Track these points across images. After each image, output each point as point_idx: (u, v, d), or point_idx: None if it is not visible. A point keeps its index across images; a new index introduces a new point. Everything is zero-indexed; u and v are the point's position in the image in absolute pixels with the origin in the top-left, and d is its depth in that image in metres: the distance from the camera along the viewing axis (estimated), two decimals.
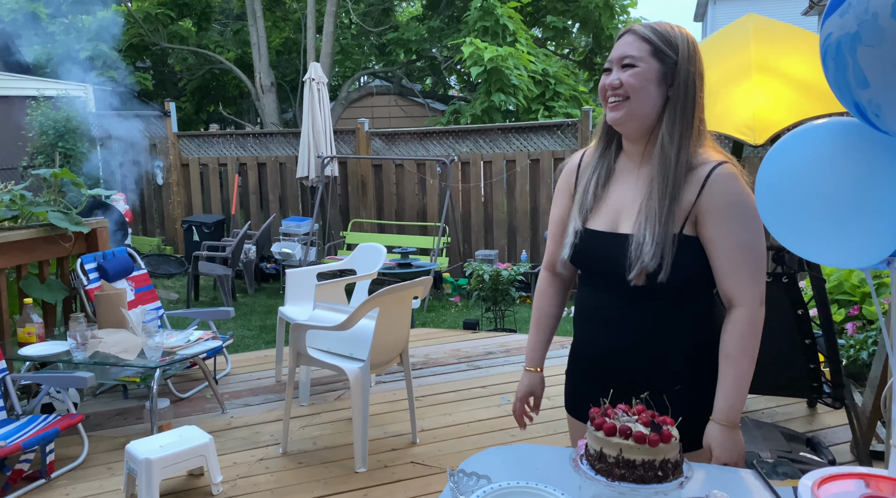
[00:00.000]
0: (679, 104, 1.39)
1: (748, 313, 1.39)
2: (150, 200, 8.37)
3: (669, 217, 1.38)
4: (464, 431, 3.34)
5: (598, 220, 1.48)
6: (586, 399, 1.57)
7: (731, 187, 1.37)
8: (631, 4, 9.72)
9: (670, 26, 1.42)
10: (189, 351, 3.29)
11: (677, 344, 1.47)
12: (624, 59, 1.39)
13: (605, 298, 1.50)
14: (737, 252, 1.38)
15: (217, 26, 12.37)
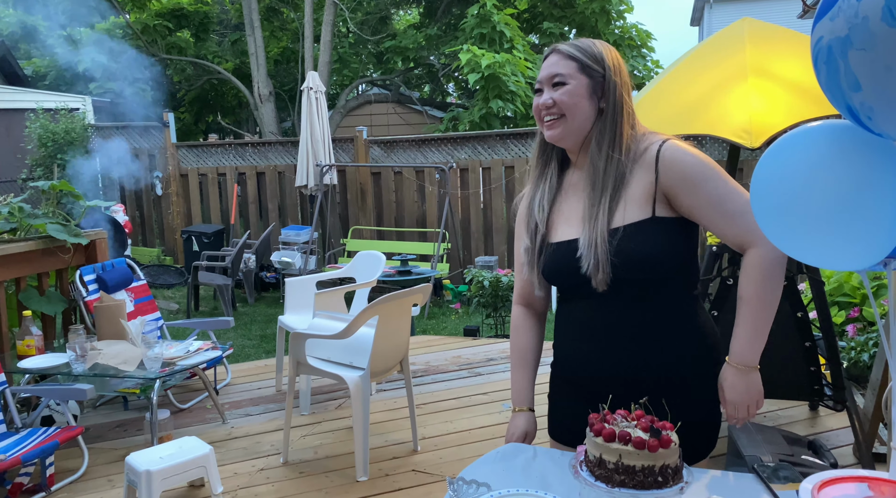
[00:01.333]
0: (609, 114, 1.44)
1: (764, 252, 1.36)
2: (149, 211, 8.38)
3: (597, 220, 1.40)
4: (465, 438, 3.33)
5: (558, 231, 1.50)
6: (572, 421, 1.51)
7: (682, 156, 1.40)
8: (627, 10, 9.75)
9: (592, 42, 1.48)
10: (189, 362, 3.29)
11: (663, 352, 1.43)
12: (554, 79, 1.44)
13: (580, 308, 1.49)
14: (718, 206, 1.39)
15: (215, 37, 12.42)
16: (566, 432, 1.57)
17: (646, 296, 1.42)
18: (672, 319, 1.44)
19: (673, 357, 1.43)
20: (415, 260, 6.52)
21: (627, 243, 1.38)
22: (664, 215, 1.41)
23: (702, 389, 1.46)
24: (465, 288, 6.63)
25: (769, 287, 1.37)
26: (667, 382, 1.43)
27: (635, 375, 1.44)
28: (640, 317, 1.43)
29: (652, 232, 1.39)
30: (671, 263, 1.41)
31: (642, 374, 1.44)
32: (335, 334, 2.99)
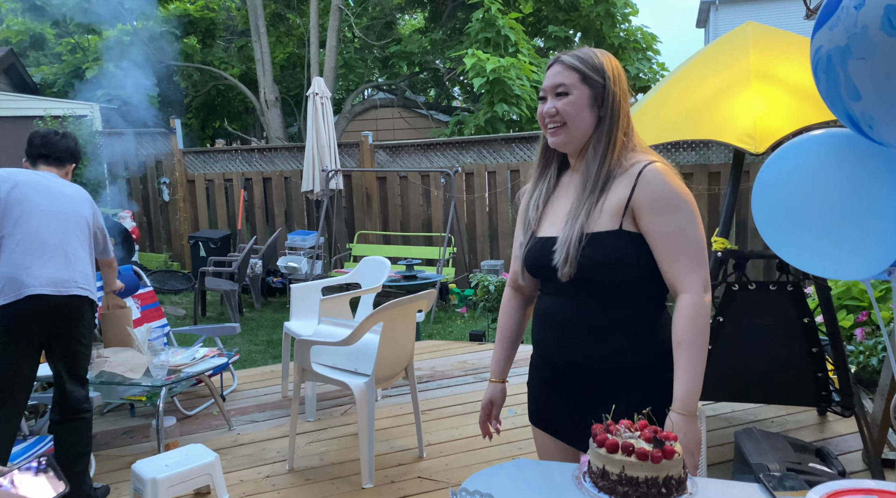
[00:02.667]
0: (606, 123, 1.52)
1: (692, 299, 1.44)
2: (156, 217, 8.41)
3: (577, 218, 1.49)
4: (471, 444, 3.32)
5: (547, 227, 1.60)
6: (546, 407, 1.66)
7: (660, 181, 1.47)
8: (632, 13, 9.74)
9: (593, 52, 1.56)
10: (194, 369, 3.30)
11: (626, 349, 1.52)
12: (557, 89, 1.53)
13: (555, 302, 1.59)
14: (671, 240, 1.47)
15: (221, 43, 12.48)
16: (536, 415, 1.70)
17: (602, 298, 1.51)
18: (624, 324, 1.51)
19: (621, 357, 1.52)
20: (420, 264, 6.52)
21: (593, 249, 1.47)
22: (630, 230, 1.49)
23: (645, 391, 1.51)
24: (470, 292, 6.63)
25: (701, 331, 1.44)
26: (613, 377, 1.53)
27: (585, 367, 1.55)
28: (594, 316, 1.52)
29: (615, 243, 1.48)
30: (629, 273, 1.49)
31: (591, 366, 1.54)
32: (340, 341, 2.99)
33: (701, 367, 1.46)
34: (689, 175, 6.29)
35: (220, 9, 12.01)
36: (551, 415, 1.65)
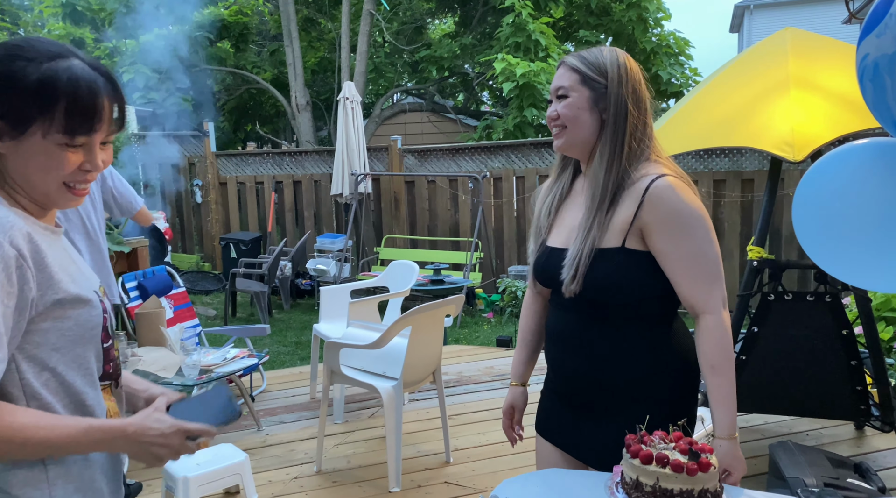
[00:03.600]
0: (610, 126, 1.45)
1: (715, 320, 1.42)
2: (189, 218, 8.56)
3: (589, 232, 1.44)
4: (498, 450, 3.31)
5: (556, 236, 1.57)
6: (549, 416, 1.66)
7: (669, 198, 1.40)
8: (665, 17, 9.63)
9: (600, 51, 1.50)
10: (226, 369, 3.34)
11: (628, 366, 1.48)
12: (558, 91, 1.49)
13: (562, 315, 1.57)
14: (685, 261, 1.42)
15: (254, 47, 12.65)
16: (541, 424, 1.69)
17: (604, 316, 1.48)
18: (627, 341, 1.48)
19: (623, 373, 1.49)
20: (447, 269, 6.52)
21: (596, 267, 1.44)
22: (634, 248, 1.44)
23: (648, 408, 1.47)
24: (497, 297, 6.61)
25: (729, 352, 1.42)
26: (616, 393, 1.50)
27: (589, 382, 1.53)
28: (596, 333, 1.50)
29: (617, 262, 1.44)
30: (630, 293, 1.45)
31: (594, 381, 1.52)
32: (369, 344, 3.01)
33: (734, 387, 1.42)
34: (722, 182, 6.20)
35: (253, 13, 12.19)
36: (556, 425, 1.64)
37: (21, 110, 0.99)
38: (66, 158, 1.03)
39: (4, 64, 1.00)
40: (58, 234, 1.13)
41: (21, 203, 1.07)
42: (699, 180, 6.25)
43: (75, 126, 1.01)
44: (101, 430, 1.04)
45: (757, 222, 6.03)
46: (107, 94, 1.04)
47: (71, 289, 1.04)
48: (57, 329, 1.04)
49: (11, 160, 1.03)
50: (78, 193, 1.07)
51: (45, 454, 1.02)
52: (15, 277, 0.97)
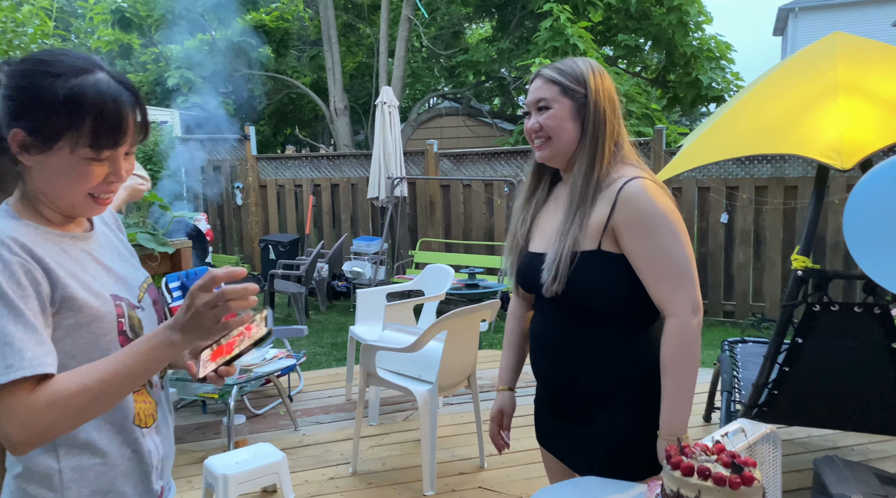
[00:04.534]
0: (590, 134, 1.49)
1: (678, 323, 1.42)
2: (229, 220, 8.73)
3: (567, 234, 1.46)
4: (532, 457, 3.30)
5: (536, 242, 1.59)
6: (542, 426, 1.67)
7: (640, 199, 1.42)
8: (706, 21, 9.48)
9: (574, 62, 1.53)
10: (265, 369, 3.40)
11: (610, 370, 1.49)
12: (539, 103, 1.51)
13: (542, 322, 1.59)
14: (653, 262, 1.43)
15: (294, 52, 12.86)
16: (538, 434, 1.70)
17: (585, 319, 1.50)
18: (607, 344, 1.49)
19: (605, 378, 1.50)
20: (482, 273, 6.52)
21: (575, 269, 1.45)
22: (609, 250, 1.46)
23: (632, 411, 1.49)
24: None
25: (686, 354, 1.41)
26: (599, 397, 1.51)
27: (572, 388, 1.54)
28: (578, 337, 1.51)
29: (593, 264, 1.45)
30: (608, 295, 1.47)
31: (577, 387, 1.53)
32: (405, 347, 3.03)
33: (687, 391, 1.42)
34: (764, 188, 6.07)
35: (293, 19, 12.39)
36: (550, 434, 1.65)
37: (49, 126, 1.01)
38: (92, 172, 1.05)
39: (32, 80, 1.02)
40: (81, 239, 1.14)
41: (44, 213, 1.09)
42: (740, 186, 6.13)
43: (102, 141, 1.03)
44: (145, 340, 1.01)
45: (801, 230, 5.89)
46: (131, 106, 1.06)
47: (78, 294, 1.05)
48: (70, 338, 1.05)
49: (37, 173, 1.05)
50: (102, 203, 1.10)
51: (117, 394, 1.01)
52: (26, 280, 0.99)
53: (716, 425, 3.62)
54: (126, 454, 1.14)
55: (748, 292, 6.26)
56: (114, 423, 1.13)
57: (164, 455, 1.23)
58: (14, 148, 1.03)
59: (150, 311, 1.22)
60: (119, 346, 1.10)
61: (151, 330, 1.20)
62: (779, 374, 2.55)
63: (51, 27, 4.13)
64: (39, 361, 0.97)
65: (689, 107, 10.04)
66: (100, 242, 1.20)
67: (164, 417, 1.26)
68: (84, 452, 1.10)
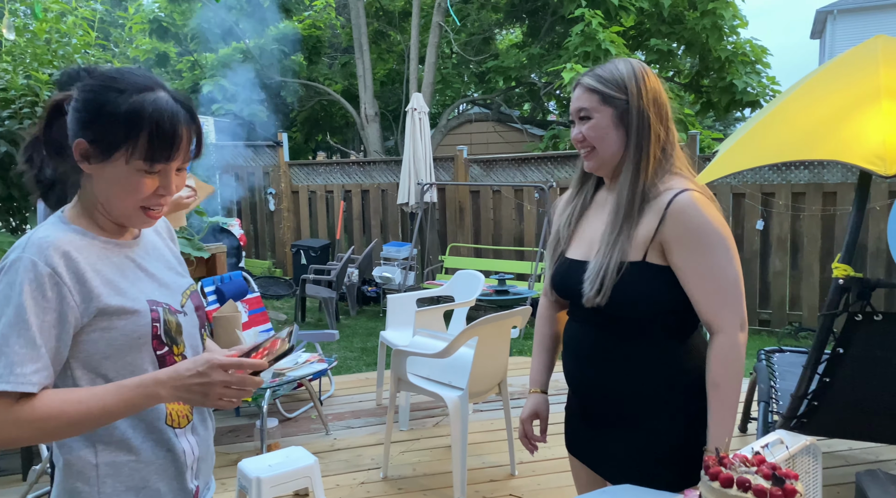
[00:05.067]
0: (634, 140, 1.45)
1: (726, 339, 1.40)
2: (262, 225, 8.85)
3: (615, 245, 1.43)
4: (564, 465, 3.27)
5: (575, 249, 1.56)
6: (573, 433, 1.65)
7: (691, 214, 1.39)
8: (741, 25, 9.32)
9: (615, 66, 1.48)
10: (297, 373, 3.43)
11: (645, 380, 1.47)
12: (580, 113, 1.49)
13: (579, 328, 1.56)
14: (702, 278, 1.40)
15: (326, 59, 13.01)
16: (568, 441, 1.68)
17: (624, 330, 1.47)
18: (645, 356, 1.47)
19: (640, 388, 1.48)
20: (512, 279, 6.50)
21: (618, 280, 1.43)
22: (654, 262, 1.43)
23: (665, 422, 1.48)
24: None
25: (734, 370, 1.40)
26: (632, 407, 1.49)
27: (605, 397, 1.52)
28: (615, 347, 1.49)
29: (637, 277, 1.42)
30: (650, 307, 1.44)
31: (611, 396, 1.51)
32: (435, 353, 3.03)
33: (732, 407, 1.41)
34: (801, 194, 5.95)
35: (325, 27, 12.54)
36: (581, 442, 1.63)
37: (109, 137, 1.08)
38: (143, 183, 1.11)
39: (99, 94, 1.10)
40: (127, 247, 1.20)
41: (97, 221, 1.16)
42: (776, 192, 6.02)
43: (155, 154, 1.09)
44: (133, 385, 1.06)
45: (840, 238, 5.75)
46: (186, 125, 1.12)
47: (112, 301, 1.10)
48: (104, 339, 1.11)
49: (96, 181, 1.13)
50: (152, 216, 1.16)
51: (93, 426, 1.06)
52: (51, 293, 1.04)
53: (752, 436, 3.54)
54: (160, 453, 1.18)
55: (785, 300, 6.13)
56: (147, 422, 1.17)
57: (199, 455, 1.27)
58: (77, 156, 1.11)
59: (192, 316, 1.27)
60: (151, 348, 1.16)
61: (191, 334, 1.25)
62: (818, 384, 2.49)
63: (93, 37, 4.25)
64: (25, 379, 1.02)
65: (723, 112, 9.88)
66: (146, 249, 1.25)
67: (202, 419, 1.29)
68: (120, 449, 1.15)
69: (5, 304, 1.03)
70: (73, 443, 1.13)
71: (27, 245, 1.07)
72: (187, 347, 1.24)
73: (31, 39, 3.89)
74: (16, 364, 1.01)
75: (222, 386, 1.07)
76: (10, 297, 1.03)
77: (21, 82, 3.49)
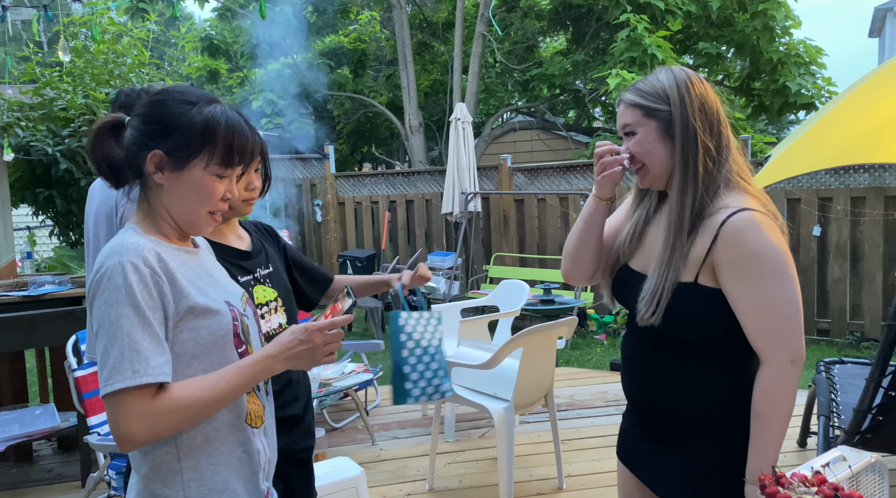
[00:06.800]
0: (679, 150, 1.39)
1: (773, 371, 1.32)
2: (309, 236, 9.00)
3: (670, 265, 1.38)
4: (613, 479, 3.19)
5: (637, 260, 1.52)
6: (627, 441, 1.63)
7: (746, 237, 1.31)
8: (794, 25, 9.03)
9: (656, 77, 1.43)
10: (343, 383, 3.46)
11: (696, 398, 1.43)
12: (625, 129, 1.45)
13: (633, 341, 1.54)
14: (755, 307, 1.32)
15: (371, 72, 13.18)
16: (620, 448, 1.66)
17: (674, 347, 1.43)
18: (693, 376, 1.42)
19: (690, 405, 1.44)
20: (558, 288, 6.42)
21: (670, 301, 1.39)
22: (707, 284, 1.36)
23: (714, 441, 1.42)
24: (610, 318, 6.42)
25: (778, 405, 1.34)
26: (682, 423, 1.45)
27: (657, 409, 1.49)
28: (665, 363, 1.45)
29: (688, 298, 1.36)
30: (699, 331, 1.39)
31: (661, 409, 1.48)
32: (480, 364, 3.01)
33: (776, 440, 1.34)
34: (861, 199, 5.71)
35: (370, 40, 12.72)
36: (635, 454, 1.60)
37: (187, 146, 1.16)
38: (216, 188, 1.19)
39: (171, 107, 1.17)
40: (193, 254, 1.26)
41: (163, 230, 1.22)
42: (834, 197, 5.80)
43: (232, 159, 1.18)
44: (251, 363, 1.15)
45: None
46: (251, 134, 1.22)
47: (199, 300, 1.17)
48: (192, 339, 1.16)
49: (168, 191, 1.19)
50: (216, 220, 1.23)
51: (223, 407, 1.15)
52: (155, 292, 1.11)
53: (812, 451, 3.40)
54: (237, 453, 1.22)
55: (845, 309, 5.88)
56: (229, 421, 1.21)
57: (270, 457, 1.32)
58: (150, 167, 1.17)
59: (252, 319, 1.33)
60: (234, 346, 1.22)
61: (255, 337, 1.31)
62: (884, 398, 2.37)
63: (147, 56, 4.41)
64: (161, 370, 1.08)
65: (776, 115, 9.58)
66: (205, 258, 1.32)
67: (270, 421, 1.34)
68: (202, 452, 1.18)
69: (121, 304, 1.08)
70: (155, 449, 1.17)
71: (122, 250, 1.12)
72: (255, 347, 1.30)
73: (89, 60, 4.06)
74: (150, 358, 1.07)
75: (324, 345, 1.17)
76: (123, 298, 1.08)
77: (80, 101, 3.64)
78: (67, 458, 3.64)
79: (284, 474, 1.67)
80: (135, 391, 1.06)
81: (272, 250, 1.87)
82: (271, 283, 1.73)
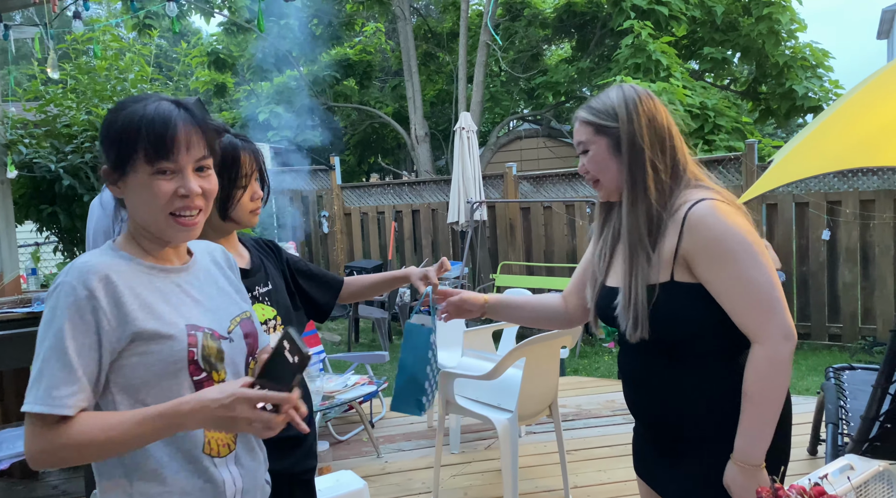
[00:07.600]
0: (626, 165, 1.43)
1: (766, 351, 1.31)
2: (316, 247, 9.01)
3: (633, 270, 1.40)
4: (622, 490, 3.15)
5: (612, 276, 1.53)
6: (640, 455, 1.63)
7: (709, 223, 1.34)
8: (800, 29, 8.99)
9: (607, 94, 1.48)
10: (347, 395, 3.44)
11: (696, 403, 1.42)
12: (579, 146, 1.51)
13: (629, 354, 1.54)
14: (735, 291, 1.32)
15: (377, 83, 13.24)
16: (635, 462, 1.65)
17: (667, 353, 1.42)
18: (691, 377, 1.42)
19: (691, 410, 1.43)
20: None
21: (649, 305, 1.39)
22: (683, 280, 1.37)
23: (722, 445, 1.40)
24: None
25: (772, 385, 1.32)
26: (687, 431, 1.45)
27: (659, 420, 1.50)
28: (660, 370, 1.45)
29: (669, 298, 1.37)
30: (687, 328, 1.38)
31: (664, 419, 1.48)
32: (483, 375, 2.98)
33: (768, 421, 1.33)
34: (871, 202, 5.64)
35: (376, 51, 12.78)
36: (648, 465, 1.59)
37: (116, 153, 1.13)
38: (160, 186, 1.13)
39: (105, 120, 1.17)
40: (172, 272, 1.21)
41: (143, 245, 1.19)
42: (843, 200, 5.73)
43: (152, 154, 1.11)
44: (157, 414, 1.06)
45: None
46: (183, 122, 1.14)
47: (147, 325, 1.11)
48: (143, 365, 1.11)
49: (128, 202, 1.17)
50: (184, 224, 1.15)
51: (123, 451, 1.08)
52: (89, 316, 1.07)
53: (822, 459, 3.34)
54: (196, 483, 1.17)
55: (856, 314, 5.81)
56: (183, 451, 1.16)
57: (243, 487, 1.23)
58: (108, 183, 1.16)
59: (239, 342, 1.25)
60: (188, 374, 1.16)
61: (235, 361, 1.24)
62: (891, 405, 2.32)
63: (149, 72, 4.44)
64: (61, 402, 1.04)
65: (783, 119, 9.52)
66: (196, 276, 1.26)
67: (249, 449, 1.27)
68: (153, 479, 1.14)
69: (48, 328, 1.07)
70: (111, 470, 1.14)
71: (70, 270, 1.11)
72: (229, 373, 1.22)
73: (93, 77, 4.09)
74: (53, 387, 1.04)
75: (247, 422, 1.04)
76: (53, 321, 1.07)
77: (83, 118, 3.66)
78: (72, 474, 3.64)
79: (288, 496, 1.65)
80: (37, 417, 1.05)
81: (272, 268, 1.84)
82: (270, 301, 1.71)
